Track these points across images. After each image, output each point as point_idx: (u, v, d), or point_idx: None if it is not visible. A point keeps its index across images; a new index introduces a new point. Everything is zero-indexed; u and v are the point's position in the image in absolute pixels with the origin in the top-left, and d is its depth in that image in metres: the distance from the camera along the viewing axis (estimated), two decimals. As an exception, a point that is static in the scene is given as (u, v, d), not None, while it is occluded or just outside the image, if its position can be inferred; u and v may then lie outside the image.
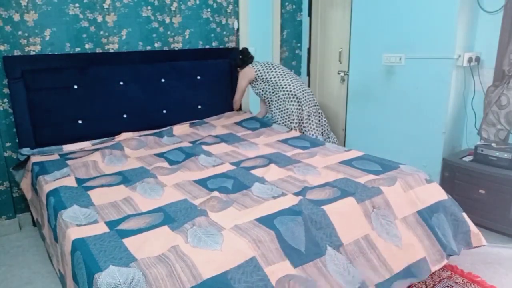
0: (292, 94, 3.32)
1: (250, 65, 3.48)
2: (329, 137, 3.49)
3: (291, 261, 1.57)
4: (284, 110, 3.35)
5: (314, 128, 3.35)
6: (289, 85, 3.34)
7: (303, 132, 3.32)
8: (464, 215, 2.15)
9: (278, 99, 3.37)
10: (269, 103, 3.48)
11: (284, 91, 3.33)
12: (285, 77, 3.38)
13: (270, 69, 3.42)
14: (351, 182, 2.04)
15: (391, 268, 1.79)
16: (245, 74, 3.46)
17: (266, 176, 2.15)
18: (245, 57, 3.51)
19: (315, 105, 3.41)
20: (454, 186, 2.80)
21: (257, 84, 3.47)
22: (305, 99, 3.34)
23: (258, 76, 3.43)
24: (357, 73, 3.48)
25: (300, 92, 3.34)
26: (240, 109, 3.76)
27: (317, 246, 1.66)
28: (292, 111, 3.31)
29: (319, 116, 3.42)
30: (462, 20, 2.75)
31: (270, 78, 3.39)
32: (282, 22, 4.02)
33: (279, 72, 3.41)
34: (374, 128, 3.41)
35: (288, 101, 3.32)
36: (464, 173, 2.73)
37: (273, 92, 3.39)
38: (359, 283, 1.67)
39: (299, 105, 3.33)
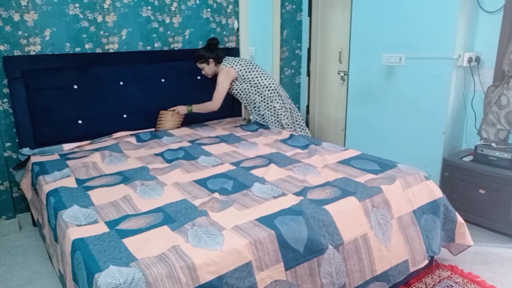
0: (276, 92, 3.25)
1: (227, 64, 3.18)
2: (302, 133, 3.41)
3: (285, 264, 1.58)
4: (272, 108, 3.27)
5: (289, 124, 3.31)
6: (272, 83, 3.26)
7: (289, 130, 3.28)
8: (456, 214, 2.18)
9: (265, 99, 3.25)
10: (253, 104, 3.30)
11: (269, 89, 3.23)
12: (266, 76, 3.27)
13: (250, 68, 3.21)
14: (351, 182, 2.04)
15: (375, 269, 1.82)
16: (228, 74, 3.14)
17: (266, 176, 2.15)
18: (218, 51, 3.21)
19: (291, 101, 3.40)
20: (454, 186, 2.80)
21: (238, 85, 3.22)
22: (285, 96, 3.33)
23: (240, 76, 3.18)
24: (357, 73, 3.48)
25: (280, 89, 3.32)
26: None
27: (319, 245, 1.66)
28: (279, 109, 3.26)
29: (295, 111, 3.39)
30: (462, 20, 2.75)
31: (252, 78, 3.21)
32: (282, 22, 4.02)
33: (259, 70, 3.26)
34: (374, 128, 3.41)
35: (274, 99, 3.25)
36: (464, 173, 2.73)
37: (257, 93, 3.23)
38: (339, 286, 1.70)
39: (282, 103, 3.28)
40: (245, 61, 3.25)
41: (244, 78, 3.19)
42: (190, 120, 3.39)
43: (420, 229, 2.02)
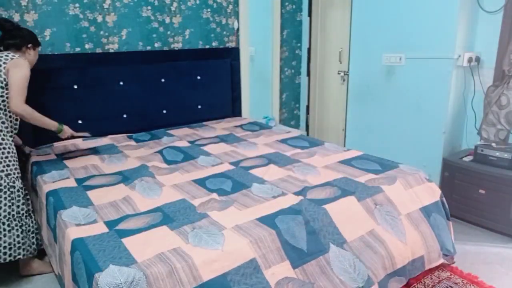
0: None
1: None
2: None
3: (291, 262, 1.57)
4: None
5: None
6: None
7: None
8: (449, 222, 2.18)
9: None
10: None
11: None
12: None
13: None
14: (351, 181, 2.04)
15: (395, 263, 1.82)
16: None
17: (266, 176, 2.15)
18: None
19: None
20: (454, 186, 2.79)
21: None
22: None
23: None
24: (357, 73, 3.47)
25: None
26: None
27: (320, 244, 1.66)
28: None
29: None
30: (462, 20, 2.75)
31: None
32: (282, 22, 4.02)
33: None
34: (374, 128, 3.41)
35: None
36: (464, 173, 2.73)
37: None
38: (364, 280, 1.68)
39: None
40: None
41: None
42: (189, 120, 3.39)
43: (431, 227, 2.01)
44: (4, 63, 2.12)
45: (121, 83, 3.01)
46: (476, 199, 2.67)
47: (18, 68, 2.13)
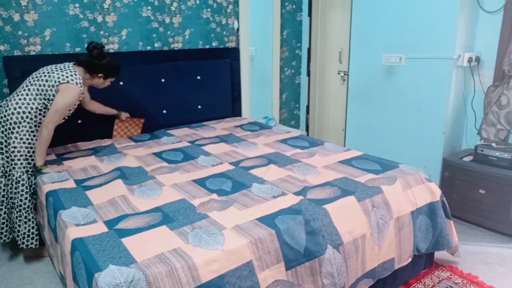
0: None
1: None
2: None
3: (286, 263, 1.58)
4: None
5: None
6: None
7: None
8: (450, 221, 2.19)
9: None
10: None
11: None
12: None
13: None
14: (351, 181, 2.04)
15: (365, 266, 1.84)
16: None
17: (266, 176, 2.15)
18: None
19: None
20: (454, 186, 2.79)
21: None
22: None
23: None
24: (357, 73, 3.47)
25: None
26: None
27: (318, 245, 1.67)
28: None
29: None
30: (462, 20, 2.75)
31: None
32: (282, 22, 4.02)
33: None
34: (374, 128, 3.41)
35: None
36: (464, 173, 2.73)
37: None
38: (340, 287, 1.72)
39: None
40: None
41: None
42: (189, 120, 3.39)
43: (413, 230, 2.03)
44: (59, 80, 2.28)
45: (121, 83, 3.01)
46: (476, 199, 2.68)
47: (66, 93, 2.29)
